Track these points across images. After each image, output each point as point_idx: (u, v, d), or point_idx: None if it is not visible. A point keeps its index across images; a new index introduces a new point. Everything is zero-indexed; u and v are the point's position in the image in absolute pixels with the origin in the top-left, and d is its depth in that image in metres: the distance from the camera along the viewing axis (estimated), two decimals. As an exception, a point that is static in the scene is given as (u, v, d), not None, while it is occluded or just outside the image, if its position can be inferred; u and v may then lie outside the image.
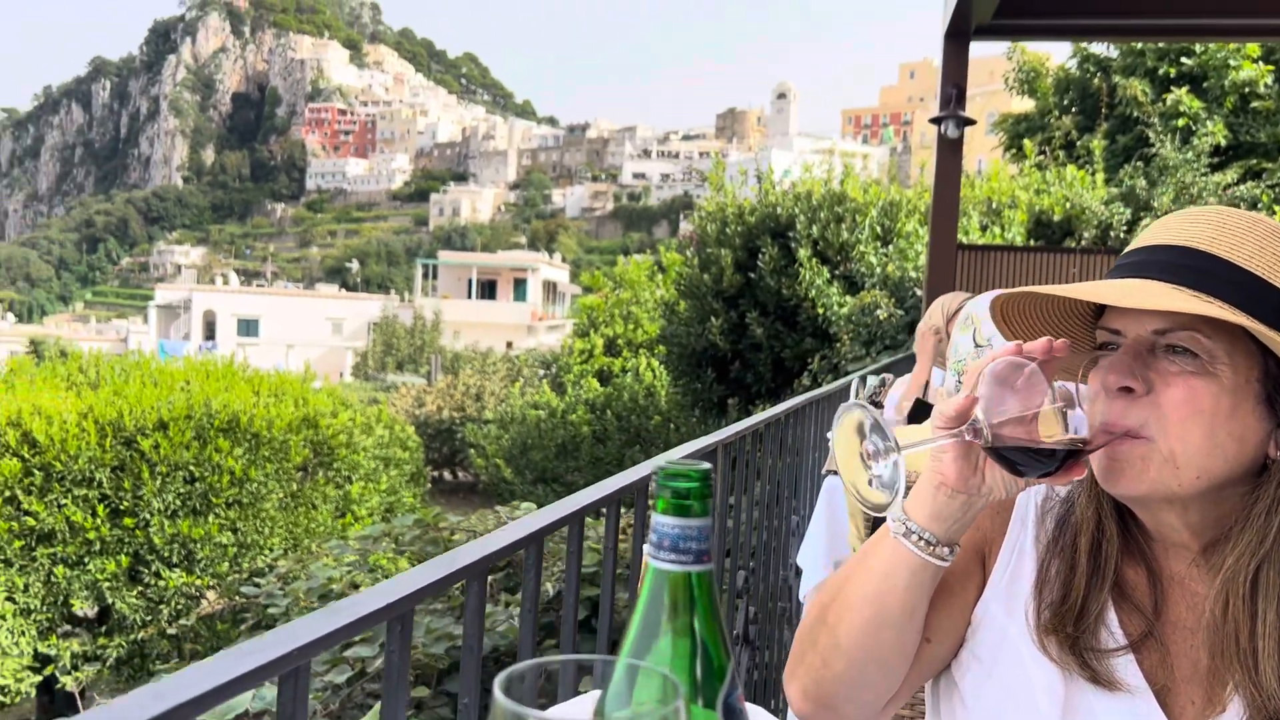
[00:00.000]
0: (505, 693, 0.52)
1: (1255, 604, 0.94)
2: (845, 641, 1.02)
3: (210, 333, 60.78)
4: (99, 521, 9.61)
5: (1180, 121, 12.50)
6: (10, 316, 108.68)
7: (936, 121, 7.45)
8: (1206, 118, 12.53)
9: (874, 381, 3.68)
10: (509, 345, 47.26)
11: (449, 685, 3.26)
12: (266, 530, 10.41)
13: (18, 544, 9.40)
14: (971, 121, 7.42)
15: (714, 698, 0.66)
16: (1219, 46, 12.84)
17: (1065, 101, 14.94)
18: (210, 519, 10.05)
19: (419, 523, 4.85)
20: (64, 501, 9.58)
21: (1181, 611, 1.02)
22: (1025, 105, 16.14)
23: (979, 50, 7.63)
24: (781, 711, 3.14)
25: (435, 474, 23.96)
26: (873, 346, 9.57)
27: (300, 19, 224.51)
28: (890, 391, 3.60)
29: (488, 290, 63.61)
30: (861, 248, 11.57)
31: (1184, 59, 13.22)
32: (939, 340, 3.31)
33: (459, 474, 26.21)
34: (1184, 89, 12.84)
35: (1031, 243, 11.23)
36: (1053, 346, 0.95)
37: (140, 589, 9.86)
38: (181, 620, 9.12)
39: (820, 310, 11.35)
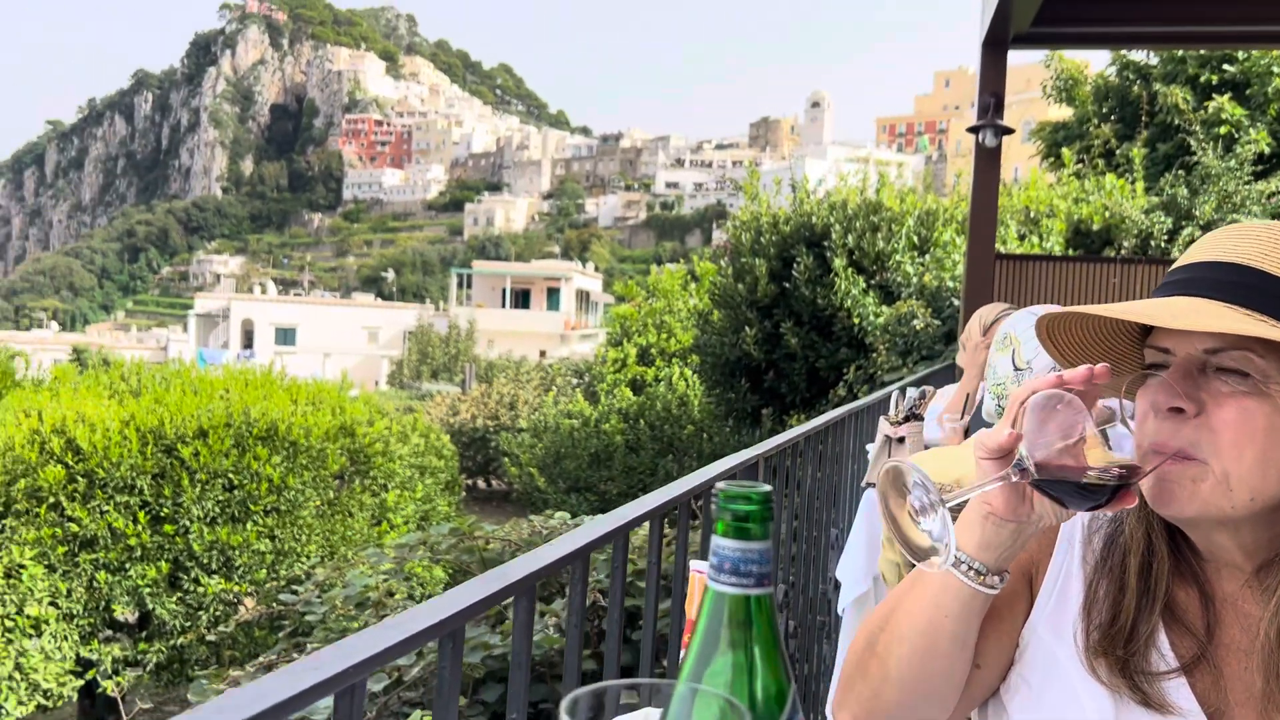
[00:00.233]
0: (570, 715, 0.53)
1: (1312, 627, 0.92)
2: (895, 672, 1.01)
3: (248, 341, 61.51)
4: (140, 528, 9.73)
5: (1222, 129, 12.31)
6: (54, 325, 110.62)
7: (974, 130, 7.40)
8: (1249, 125, 12.35)
9: (914, 394, 3.63)
10: (542, 354, 47.47)
11: (484, 694, 3.27)
12: (304, 538, 10.49)
13: (61, 550, 9.54)
14: (1010, 130, 7.35)
15: (774, 722, 0.65)
16: (1261, 53, 12.65)
17: (1104, 109, 14.77)
18: (248, 526, 10.15)
19: (454, 531, 4.88)
20: (106, 508, 9.70)
21: (1235, 633, 1.00)
22: (1063, 113, 15.96)
23: (1015, 58, 7.55)
24: (820, 726, 3.12)
25: (469, 482, 24.02)
26: (909, 357, 9.48)
27: (338, 31, 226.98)
28: (931, 404, 3.55)
29: (521, 299, 63.87)
30: (898, 257, 11.49)
31: (1226, 66, 13.03)
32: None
33: (493, 482, 26.26)
34: (1226, 96, 12.64)
35: (1070, 252, 11.08)
36: (1093, 374, 0.93)
37: (180, 595, 9.96)
38: (220, 627, 9.19)
39: (856, 320, 11.29)
